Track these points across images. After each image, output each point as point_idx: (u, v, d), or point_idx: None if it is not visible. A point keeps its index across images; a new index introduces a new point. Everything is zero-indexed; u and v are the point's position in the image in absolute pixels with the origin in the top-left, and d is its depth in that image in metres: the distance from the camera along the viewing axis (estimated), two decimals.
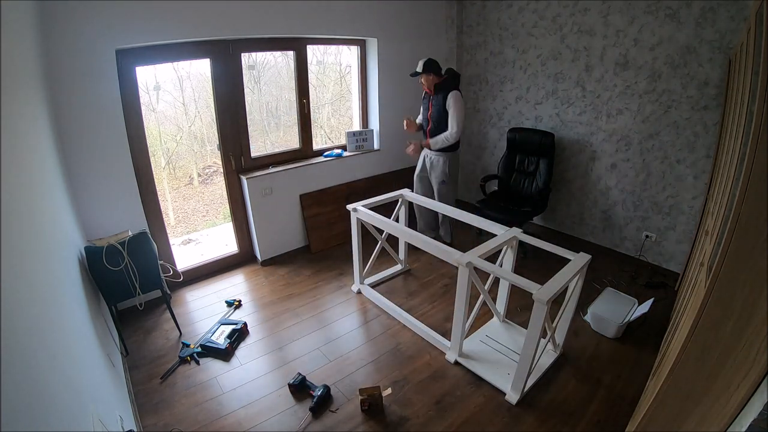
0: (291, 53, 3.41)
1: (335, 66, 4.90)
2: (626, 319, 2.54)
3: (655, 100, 3.03)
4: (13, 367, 0.82)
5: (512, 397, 2.13)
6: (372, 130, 4.02)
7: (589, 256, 2.14)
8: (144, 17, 2.47)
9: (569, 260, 2.13)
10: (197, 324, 2.78)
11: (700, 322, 1.22)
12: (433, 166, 3.37)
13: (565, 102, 3.58)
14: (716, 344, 1.02)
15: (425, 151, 3.43)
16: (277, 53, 3.92)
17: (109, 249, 2.19)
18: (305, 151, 3.70)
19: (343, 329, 2.74)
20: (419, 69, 3.12)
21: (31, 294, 1.12)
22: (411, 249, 3.46)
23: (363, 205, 2.83)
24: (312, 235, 3.70)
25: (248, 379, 2.32)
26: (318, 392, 2.13)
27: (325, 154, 3.77)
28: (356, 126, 4.15)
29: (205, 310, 2.94)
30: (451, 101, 3.07)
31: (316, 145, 3.79)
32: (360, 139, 3.96)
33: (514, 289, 2.64)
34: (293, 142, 3.83)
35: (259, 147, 4.10)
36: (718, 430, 0.79)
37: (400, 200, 3.08)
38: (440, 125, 3.21)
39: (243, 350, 2.54)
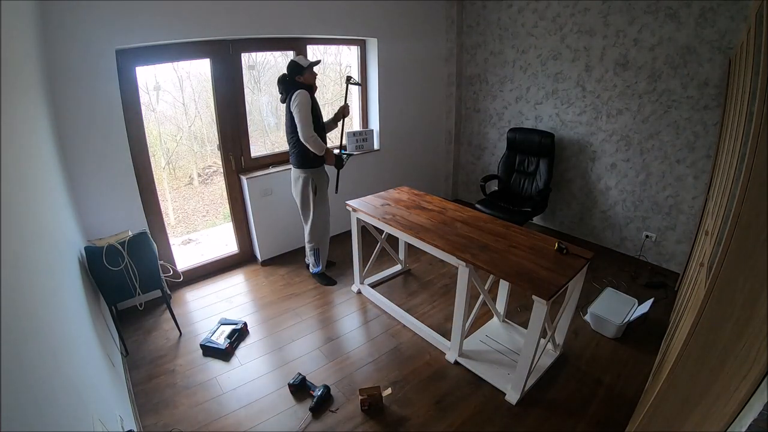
0: (291, 53, 3.41)
1: (335, 66, 4.90)
2: (626, 319, 2.54)
3: (655, 100, 3.03)
4: (13, 367, 0.82)
5: (512, 397, 2.13)
6: (372, 130, 4.02)
7: (592, 253, 2.15)
8: (144, 17, 2.47)
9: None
10: (197, 324, 2.78)
11: (700, 322, 1.22)
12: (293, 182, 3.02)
13: (565, 102, 3.58)
14: (716, 344, 1.02)
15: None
16: (277, 53, 3.92)
17: (109, 249, 2.19)
18: None
19: (343, 329, 2.74)
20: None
21: (31, 294, 1.12)
22: (411, 249, 3.46)
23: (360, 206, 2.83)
24: None
25: (248, 379, 2.32)
26: (318, 392, 2.13)
27: None
28: (356, 126, 4.15)
29: (205, 310, 2.94)
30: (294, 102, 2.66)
31: None
32: (360, 139, 3.96)
33: (513, 290, 2.64)
34: None
35: (259, 147, 4.10)
36: (718, 430, 0.79)
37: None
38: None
39: (243, 350, 2.54)
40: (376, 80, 3.85)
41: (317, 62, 2.78)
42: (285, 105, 2.77)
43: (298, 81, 2.74)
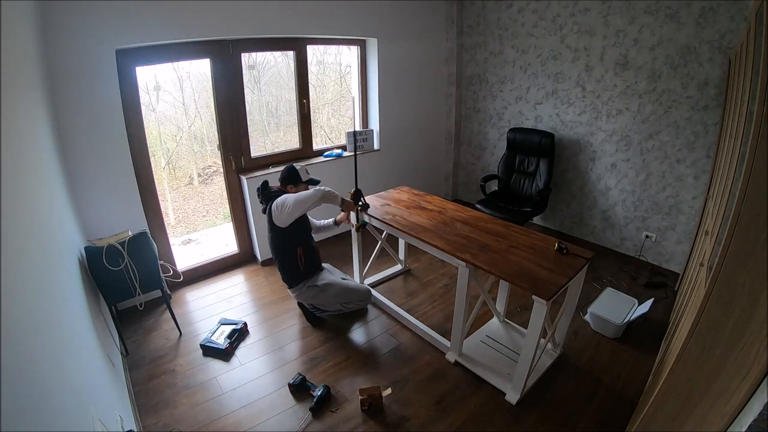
0: (291, 53, 3.41)
1: (335, 66, 4.90)
2: (626, 319, 2.54)
3: (655, 100, 3.03)
4: (13, 368, 0.82)
5: (512, 397, 2.13)
6: (372, 130, 4.02)
7: (592, 253, 2.15)
8: (144, 17, 2.47)
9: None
10: (197, 324, 2.78)
11: (700, 322, 1.22)
12: None
13: (565, 102, 3.58)
14: (716, 344, 1.02)
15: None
16: (277, 53, 3.92)
17: (109, 249, 2.19)
18: (305, 151, 3.70)
19: (343, 329, 2.74)
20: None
21: (31, 294, 1.12)
22: (411, 249, 3.46)
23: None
24: None
25: (248, 379, 2.32)
26: (318, 392, 2.13)
27: (325, 154, 3.77)
28: (356, 126, 4.15)
29: (205, 310, 2.94)
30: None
31: (316, 145, 3.79)
32: (360, 139, 3.96)
33: (513, 290, 2.64)
34: (293, 142, 3.83)
35: (259, 147, 4.10)
36: (718, 430, 0.79)
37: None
38: None
39: (243, 350, 2.54)
40: (376, 80, 3.85)
41: (317, 182, 2.55)
42: (266, 216, 2.47)
43: (286, 190, 2.53)
